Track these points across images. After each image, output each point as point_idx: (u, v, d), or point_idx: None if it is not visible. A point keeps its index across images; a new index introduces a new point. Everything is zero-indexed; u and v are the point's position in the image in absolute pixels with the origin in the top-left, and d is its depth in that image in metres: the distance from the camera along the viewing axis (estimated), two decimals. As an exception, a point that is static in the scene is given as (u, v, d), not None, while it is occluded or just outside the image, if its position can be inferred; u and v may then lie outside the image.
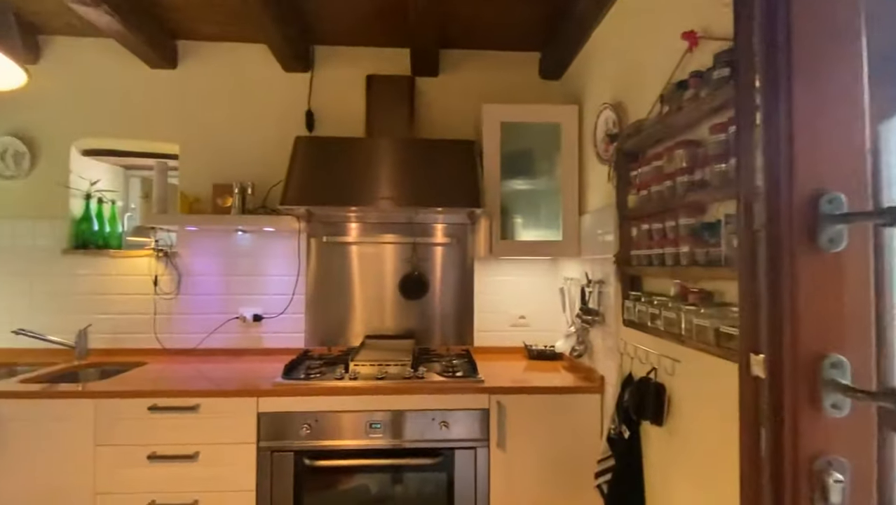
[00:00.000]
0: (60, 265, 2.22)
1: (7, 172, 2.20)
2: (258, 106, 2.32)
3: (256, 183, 2.26)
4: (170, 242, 2.28)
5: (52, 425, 1.65)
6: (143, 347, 2.23)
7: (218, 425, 1.68)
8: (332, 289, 2.30)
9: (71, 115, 2.26)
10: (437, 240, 2.35)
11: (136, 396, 1.66)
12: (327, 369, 1.90)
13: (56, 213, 2.23)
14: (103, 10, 1.77)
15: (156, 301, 2.24)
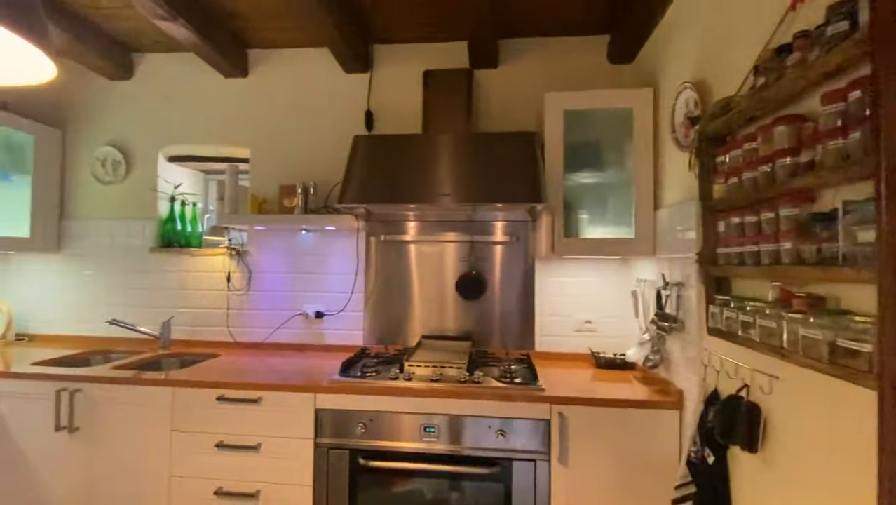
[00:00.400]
0: (149, 262, 2.43)
1: (106, 178, 2.45)
2: (321, 108, 2.38)
3: (319, 183, 2.31)
4: (241, 241, 2.40)
5: (136, 409, 1.78)
6: (218, 340, 2.38)
7: (278, 419, 1.72)
8: (390, 287, 2.30)
9: (158, 125, 2.47)
10: (496, 238, 2.25)
11: (206, 386, 1.75)
12: (383, 368, 1.88)
13: (146, 215, 2.45)
14: (180, 23, 1.90)
15: (229, 297, 2.38)
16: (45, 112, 2.50)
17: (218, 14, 2.09)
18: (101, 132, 2.49)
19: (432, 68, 2.22)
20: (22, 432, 1.83)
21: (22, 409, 1.82)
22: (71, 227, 2.48)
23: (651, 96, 1.89)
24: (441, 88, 2.15)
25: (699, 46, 1.54)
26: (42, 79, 0.63)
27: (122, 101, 2.49)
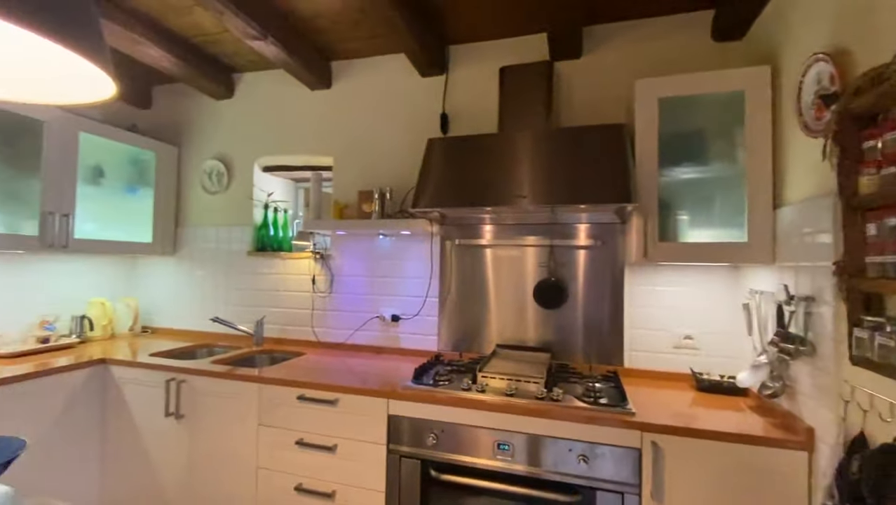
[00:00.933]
0: (246, 265, 2.64)
1: (212, 189, 2.71)
2: (397, 114, 2.40)
3: (395, 188, 2.33)
4: (325, 245, 2.51)
5: (229, 402, 1.92)
6: (303, 339, 2.50)
7: (353, 422, 1.74)
8: (465, 293, 2.23)
9: (254, 138, 2.67)
10: (578, 242, 2.08)
11: (288, 384, 1.83)
12: (455, 377, 1.82)
13: (244, 221, 2.66)
14: (269, 41, 2.02)
15: (313, 298, 2.49)
16: (164, 131, 2.84)
17: (303, 30, 2.20)
18: (208, 147, 2.76)
19: (507, 64, 2.12)
20: (141, 415, 2.06)
21: (142, 394, 2.06)
22: (184, 233, 2.78)
23: (768, 75, 1.60)
24: (518, 84, 2.04)
25: (836, 8, 1.26)
26: (102, 96, 0.66)
27: (225, 118, 2.74)
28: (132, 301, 2.70)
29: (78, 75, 0.64)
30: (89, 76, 0.63)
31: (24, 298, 2.30)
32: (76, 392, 2.01)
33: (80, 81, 0.66)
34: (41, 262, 2.37)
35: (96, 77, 0.62)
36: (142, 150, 2.59)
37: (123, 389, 2.10)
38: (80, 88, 0.67)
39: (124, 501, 2.09)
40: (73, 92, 0.67)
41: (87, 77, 0.63)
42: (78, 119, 2.25)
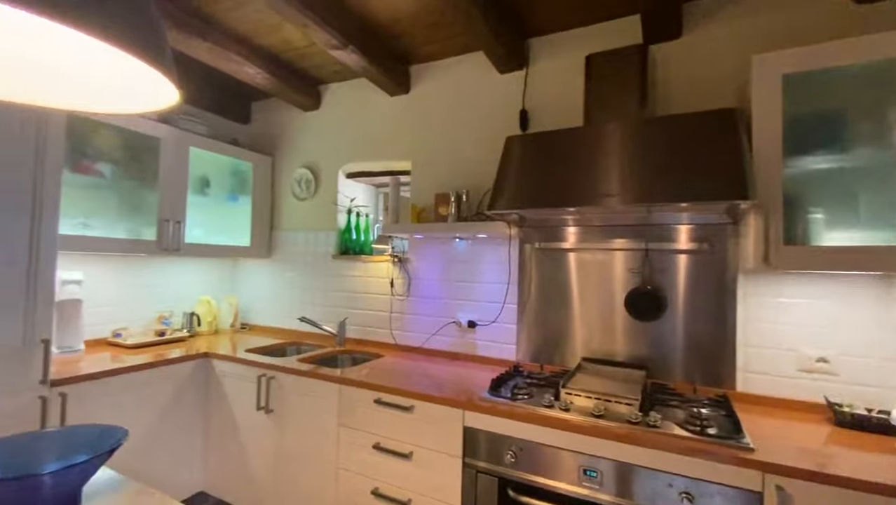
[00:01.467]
0: (330, 267, 2.74)
1: (302, 195, 2.87)
2: (474, 114, 2.33)
3: (472, 190, 2.27)
4: (403, 249, 2.52)
5: (312, 400, 1.99)
6: (382, 341, 2.53)
7: (429, 430, 1.69)
8: (547, 300, 2.09)
9: (338, 146, 2.78)
10: (679, 245, 1.84)
11: (366, 387, 1.84)
12: (536, 392, 1.69)
13: (329, 226, 2.78)
14: (350, 49, 2.07)
15: (392, 301, 2.51)
16: (260, 143, 3.07)
17: (381, 36, 2.22)
18: (298, 156, 2.93)
19: (594, 51, 1.95)
20: (237, 407, 2.22)
21: (238, 387, 2.22)
22: (278, 237, 2.97)
23: (941, 34, 1.27)
24: (607, 72, 1.86)
25: None
26: (165, 105, 0.66)
27: (313, 129, 2.88)
28: (233, 300, 2.94)
29: (142, 83, 0.66)
30: (155, 83, 0.64)
31: (144, 295, 2.61)
32: (184, 382, 2.22)
33: (144, 88, 0.67)
34: (158, 263, 2.67)
35: (160, 84, 0.63)
36: (241, 161, 2.82)
37: (223, 382, 2.27)
38: (146, 96, 0.68)
39: (223, 485, 2.26)
40: (138, 101, 0.69)
41: (151, 84, 0.65)
42: (189, 135, 2.50)
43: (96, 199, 2.20)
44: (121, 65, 0.67)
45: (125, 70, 0.67)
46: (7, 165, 1.60)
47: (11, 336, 1.62)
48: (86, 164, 2.15)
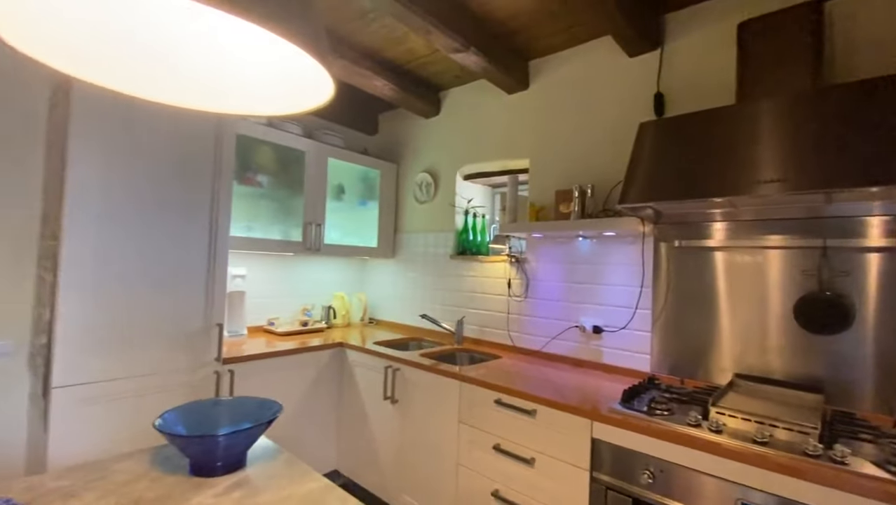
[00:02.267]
0: (448, 268, 2.81)
1: (422, 199, 2.99)
2: (600, 104, 2.18)
3: (597, 185, 2.12)
4: (520, 249, 2.46)
5: (433, 395, 2.04)
6: (499, 342, 2.51)
7: (553, 437, 1.61)
8: (688, 306, 1.85)
9: (457, 149, 2.84)
10: (870, 242, 1.48)
11: (487, 386, 1.82)
12: (677, 408, 1.50)
13: (447, 227, 2.85)
14: (472, 51, 2.09)
15: (509, 302, 2.47)
16: (386, 152, 3.28)
17: (500, 33, 2.21)
18: (419, 162, 3.07)
19: (747, 17, 1.67)
20: (367, 395, 2.39)
21: (367, 377, 2.39)
22: (401, 239, 3.15)
23: None
24: (766, 40, 1.58)
25: None
26: (323, 101, 0.71)
27: (433, 134, 3.00)
28: (362, 296, 3.19)
29: (300, 83, 0.73)
30: (311, 83, 0.70)
31: (291, 289, 2.96)
32: (323, 368, 2.46)
33: (303, 89, 0.74)
34: (302, 261, 3.02)
35: (317, 82, 0.68)
36: (370, 169, 3.05)
37: (354, 370, 2.47)
38: (305, 96, 0.75)
39: (353, 466, 2.45)
40: (298, 101, 0.76)
41: (308, 84, 0.71)
42: (327, 147, 2.78)
43: (256, 206, 2.57)
44: (283, 69, 0.75)
45: (287, 73, 0.75)
46: (195, 180, 1.95)
47: (195, 321, 1.96)
48: (249, 177, 2.53)
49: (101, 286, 1.69)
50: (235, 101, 0.80)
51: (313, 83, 0.71)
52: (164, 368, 1.86)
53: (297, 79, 0.75)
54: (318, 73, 0.67)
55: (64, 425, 1.61)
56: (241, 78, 0.77)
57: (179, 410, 1.15)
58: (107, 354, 1.70)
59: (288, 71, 0.76)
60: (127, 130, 1.75)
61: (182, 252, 1.90)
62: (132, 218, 1.76)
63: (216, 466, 1.06)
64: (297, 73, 0.75)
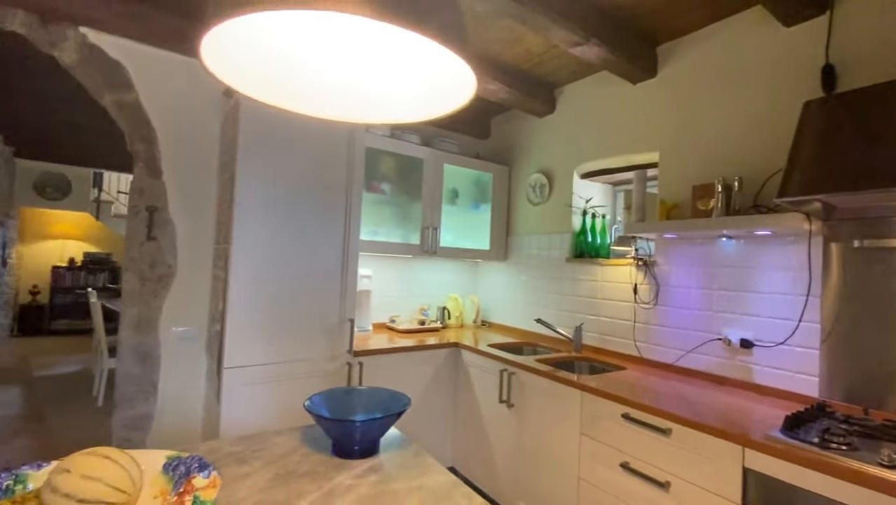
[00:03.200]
0: (565, 271, 2.70)
1: (535, 200, 2.93)
2: (747, 84, 1.91)
3: (746, 177, 1.85)
4: (648, 252, 2.26)
5: (552, 403, 1.97)
6: (623, 352, 2.32)
7: (692, 462, 1.44)
8: (873, 319, 1.51)
9: (574, 147, 2.72)
10: None
11: (613, 399, 1.70)
12: (861, 443, 1.22)
13: (563, 229, 2.74)
14: (593, 42, 1.99)
15: (635, 309, 2.28)
16: (499, 154, 3.29)
17: (624, 20, 2.06)
18: (532, 163, 3.01)
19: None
20: (481, 395, 2.40)
21: (482, 378, 2.40)
22: (513, 241, 3.12)
23: None
24: None
25: None
26: (466, 98, 0.72)
27: (547, 133, 2.92)
28: (475, 298, 3.23)
29: (443, 85, 0.75)
30: (451, 85, 0.72)
31: (410, 289, 3.12)
32: (439, 366, 2.54)
33: (445, 92, 0.76)
34: (420, 263, 3.16)
35: (460, 82, 0.69)
36: (483, 173, 3.09)
37: (469, 371, 2.50)
38: (447, 98, 0.77)
39: (469, 465, 2.47)
40: (440, 104, 0.78)
41: (449, 86, 0.73)
42: (443, 154, 2.88)
43: (380, 212, 2.76)
44: (425, 75, 0.79)
45: (429, 79, 0.78)
46: (332, 190, 2.16)
47: (331, 316, 2.16)
48: (374, 185, 2.73)
49: (259, 283, 1.96)
50: (385, 112, 0.86)
51: (454, 85, 0.73)
52: (307, 356, 2.09)
53: (438, 83, 0.78)
54: (461, 72, 0.69)
55: (232, 400, 1.89)
56: (386, 88, 0.83)
57: (323, 394, 1.27)
58: (263, 341, 1.97)
59: (430, 76, 0.79)
60: (280, 151, 2.02)
61: (321, 255, 2.12)
62: (283, 225, 2.01)
63: (354, 449, 1.15)
64: (438, 77, 0.78)
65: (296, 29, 0.73)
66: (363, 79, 0.85)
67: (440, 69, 0.77)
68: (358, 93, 0.86)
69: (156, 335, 2.22)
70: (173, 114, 2.27)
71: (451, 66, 0.73)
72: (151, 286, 2.21)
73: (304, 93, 0.84)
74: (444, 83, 0.78)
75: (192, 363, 2.32)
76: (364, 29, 0.72)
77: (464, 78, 0.71)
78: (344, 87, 0.86)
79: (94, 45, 2.08)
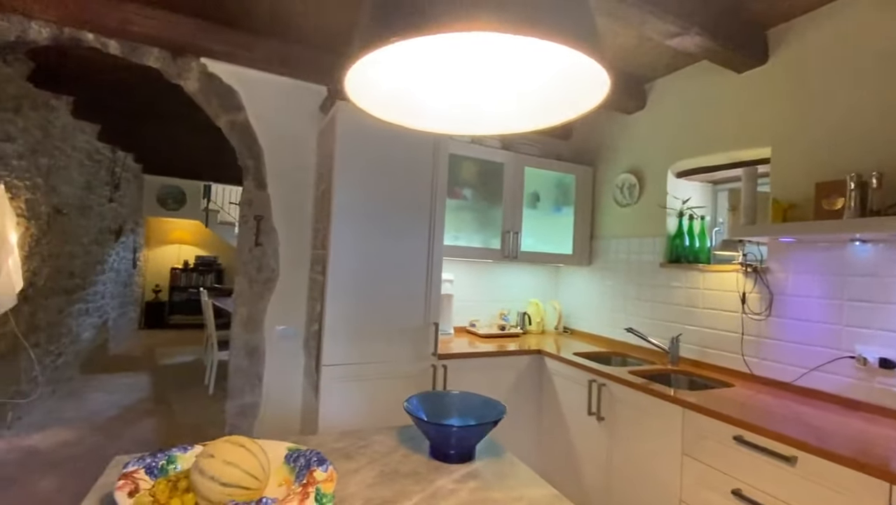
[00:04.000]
0: (658, 277, 2.52)
1: (624, 202, 2.78)
2: (883, 67, 1.65)
3: (887, 172, 1.60)
4: (759, 257, 2.04)
5: (649, 418, 1.85)
6: (729, 367, 2.12)
7: (823, 497, 1.27)
8: None
9: (667, 145, 2.54)
10: None
11: (722, 419, 1.55)
12: None
13: (655, 232, 2.57)
14: (693, 31, 1.84)
15: (744, 320, 2.07)
16: (581, 155, 3.17)
17: (730, 2, 1.89)
18: (620, 162, 2.86)
19: None
20: (567, 406, 2.32)
21: (568, 388, 2.32)
22: (598, 245, 2.99)
23: None
24: None
25: None
26: (595, 102, 0.70)
27: (637, 131, 2.76)
28: (556, 304, 3.14)
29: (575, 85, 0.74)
30: (588, 81, 0.71)
31: (490, 294, 3.11)
32: (522, 373, 2.50)
33: (575, 93, 0.74)
34: (499, 267, 3.14)
35: (593, 79, 0.68)
36: (565, 174, 3.00)
37: (554, 379, 2.43)
38: (585, 96, 0.76)
39: (555, 477, 2.40)
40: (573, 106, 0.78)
41: (586, 82, 0.72)
42: (524, 157, 2.84)
43: (461, 217, 2.79)
44: (554, 80, 0.79)
45: (558, 82, 0.78)
46: (417, 197, 2.22)
47: (417, 319, 2.22)
48: (456, 190, 2.76)
49: (352, 287, 2.07)
50: (516, 121, 0.87)
51: (584, 86, 0.73)
52: (394, 357, 2.16)
53: (567, 86, 0.77)
54: (593, 74, 0.68)
55: (328, 395, 2.01)
56: (519, 95, 0.84)
57: (419, 396, 1.30)
58: (356, 341, 2.08)
59: (560, 79, 0.79)
60: (372, 161, 2.12)
61: (408, 260, 2.19)
62: (373, 231, 2.11)
63: (450, 453, 1.16)
64: (569, 78, 0.78)
65: (413, 54, 0.76)
66: (473, 93, 0.86)
67: (559, 74, 0.76)
68: (469, 108, 0.88)
69: (261, 333, 2.43)
70: (275, 130, 2.48)
71: (568, 71, 0.71)
72: (258, 288, 2.43)
73: (418, 111, 0.88)
74: (565, 87, 0.77)
75: (292, 359, 2.50)
76: (478, 44, 0.73)
77: (582, 83, 0.70)
78: (454, 103, 0.88)
79: (212, 73, 2.34)
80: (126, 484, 0.81)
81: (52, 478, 2.56)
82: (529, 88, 0.81)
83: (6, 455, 2.76)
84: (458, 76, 0.84)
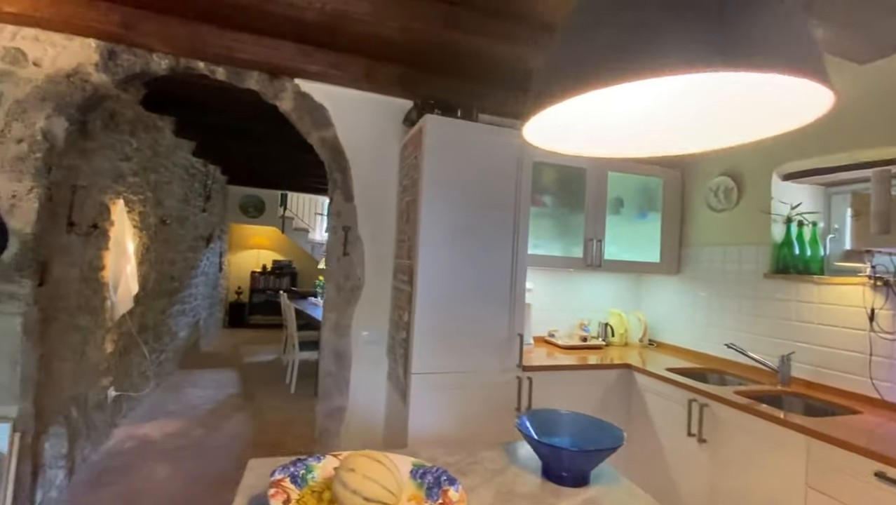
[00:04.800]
0: (762, 288, 2.33)
1: (719, 206, 2.59)
2: None
3: None
4: (891, 269, 1.82)
5: (763, 445, 1.70)
6: (852, 391, 1.90)
7: None
8: None
9: (770, 145, 2.33)
10: None
11: (858, 451, 1.39)
12: None
13: (758, 239, 2.37)
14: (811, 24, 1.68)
15: (871, 339, 1.85)
16: (669, 157, 3.00)
17: (860, -11, 1.70)
18: (713, 165, 2.67)
19: None
20: (661, 425, 2.20)
21: (662, 406, 2.20)
22: (688, 253, 2.81)
23: None
24: None
25: None
26: (816, 115, 0.66)
27: (733, 130, 2.56)
28: (641, 315, 2.99)
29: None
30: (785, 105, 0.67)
31: (568, 303, 3.02)
32: (609, 388, 2.40)
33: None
34: (581, 277, 3.04)
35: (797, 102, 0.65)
36: (651, 178, 2.85)
37: (645, 396, 2.31)
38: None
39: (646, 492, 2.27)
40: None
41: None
42: (607, 161, 2.73)
43: (541, 225, 2.74)
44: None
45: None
46: (502, 207, 2.20)
47: (502, 329, 2.20)
48: (536, 198, 2.71)
49: (440, 296, 2.09)
50: (725, 136, 0.89)
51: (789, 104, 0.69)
52: (479, 367, 2.16)
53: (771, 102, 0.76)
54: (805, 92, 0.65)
55: (417, 403, 2.05)
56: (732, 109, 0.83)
57: (529, 414, 1.29)
58: (443, 351, 2.10)
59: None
60: (458, 171, 2.13)
61: (493, 269, 2.18)
62: (459, 241, 2.12)
63: (563, 475, 1.14)
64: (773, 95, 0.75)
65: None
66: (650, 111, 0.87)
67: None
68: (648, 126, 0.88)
69: (348, 338, 2.53)
70: (361, 144, 2.57)
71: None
72: (345, 295, 2.53)
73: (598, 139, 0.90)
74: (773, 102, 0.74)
75: (376, 365, 2.58)
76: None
77: (790, 95, 0.67)
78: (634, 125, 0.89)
79: (305, 93, 2.48)
80: (278, 493, 0.87)
81: (165, 465, 2.83)
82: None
83: (124, 443, 3.09)
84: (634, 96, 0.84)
